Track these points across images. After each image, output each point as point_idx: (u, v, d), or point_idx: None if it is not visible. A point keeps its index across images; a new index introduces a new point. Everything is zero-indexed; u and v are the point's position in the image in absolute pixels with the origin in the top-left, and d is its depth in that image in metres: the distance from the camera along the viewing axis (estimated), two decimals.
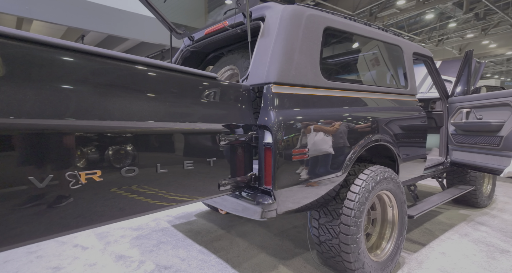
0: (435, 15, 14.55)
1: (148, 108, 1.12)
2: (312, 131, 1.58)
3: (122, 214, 1.05)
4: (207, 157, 1.33)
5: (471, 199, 3.15)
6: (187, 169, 1.25)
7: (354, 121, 1.81)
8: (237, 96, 1.50)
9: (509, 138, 2.31)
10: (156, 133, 1.13)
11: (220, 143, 1.36)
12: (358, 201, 1.73)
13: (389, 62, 2.32)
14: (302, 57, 1.66)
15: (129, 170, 1.05)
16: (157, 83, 1.17)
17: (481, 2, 12.57)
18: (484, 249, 2.29)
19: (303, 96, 1.64)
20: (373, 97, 2.08)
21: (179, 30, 2.29)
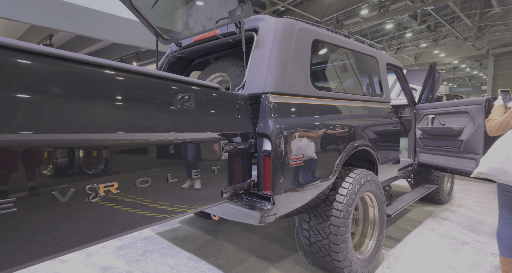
0: (394, 25, 15.73)
1: (156, 119, 1.12)
2: (307, 138, 1.66)
3: (134, 226, 1.04)
4: (211, 165, 1.35)
5: (434, 197, 3.49)
6: (194, 177, 1.25)
7: (341, 127, 1.93)
8: (236, 105, 1.53)
9: (469, 142, 2.61)
10: (162, 144, 1.13)
11: (222, 151, 1.39)
12: (346, 203, 1.85)
13: (368, 72, 2.50)
14: (295, 68, 1.74)
15: (142, 181, 1.04)
16: (164, 94, 1.17)
17: (432, 15, 13.86)
18: (449, 242, 2.56)
19: (297, 105, 1.73)
20: (355, 105, 2.23)
21: (166, 35, 2.26)
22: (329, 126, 1.84)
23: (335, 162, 1.86)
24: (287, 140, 1.55)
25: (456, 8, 12.41)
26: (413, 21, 14.97)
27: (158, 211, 1.13)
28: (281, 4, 11.55)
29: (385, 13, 12.11)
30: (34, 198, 0.79)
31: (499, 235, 1.82)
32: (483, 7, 13.54)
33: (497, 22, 14.72)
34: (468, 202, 3.70)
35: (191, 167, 1.25)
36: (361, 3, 12.00)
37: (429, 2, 10.77)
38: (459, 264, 2.18)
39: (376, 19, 12.67)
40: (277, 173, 1.50)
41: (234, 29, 1.92)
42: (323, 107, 1.91)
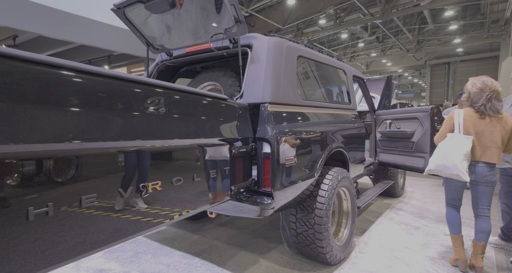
0: (348, 35, 17.14)
1: (174, 127, 1.28)
2: (298, 141, 1.95)
3: (151, 225, 1.17)
4: (219, 167, 1.55)
5: (391, 191, 4.06)
6: (203, 179, 1.44)
7: (323, 132, 2.26)
8: (239, 113, 1.76)
9: (418, 143, 3.15)
10: (182, 148, 1.31)
11: (228, 154, 1.60)
12: (327, 197, 2.18)
13: (338, 83, 2.90)
14: (286, 80, 2.02)
15: (177, 179, 1.22)
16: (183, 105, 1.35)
17: (380, 28, 15.44)
18: (404, 228, 3.06)
19: (288, 113, 2.01)
20: (330, 112, 2.59)
21: (157, 45, 2.38)
22: (314, 131, 2.15)
23: (318, 162, 2.18)
24: (283, 143, 1.81)
25: (399, 23, 14.01)
26: (365, 32, 16.46)
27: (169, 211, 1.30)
28: (245, 10, 11.89)
29: (340, 24, 13.18)
30: None
31: (448, 217, 2.30)
32: (420, 23, 15.49)
33: (431, 37, 16.91)
34: (416, 195, 4.36)
35: (202, 170, 1.42)
36: (319, 13, 12.89)
37: (378, 16, 12.02)
38: (414, 245, 2.66)
39: (333, 29, 13.73)
40: (275, 172, 1.75)
41: (228, 43, 2.14)
42: (308, 114, 2.22)
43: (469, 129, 2.11)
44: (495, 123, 2.04)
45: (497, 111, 2.03)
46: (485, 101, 2.05)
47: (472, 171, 2.12)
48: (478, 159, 2.08)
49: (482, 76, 2.14)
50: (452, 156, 2.09)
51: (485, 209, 2.12)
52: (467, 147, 2.05)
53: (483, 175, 2.08)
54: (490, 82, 2.07)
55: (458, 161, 2.05)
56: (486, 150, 2.05)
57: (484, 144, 2.06)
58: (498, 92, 2.04)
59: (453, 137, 2.13)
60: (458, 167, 2.05)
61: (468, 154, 2.05)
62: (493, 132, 2.04)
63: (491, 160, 2.04)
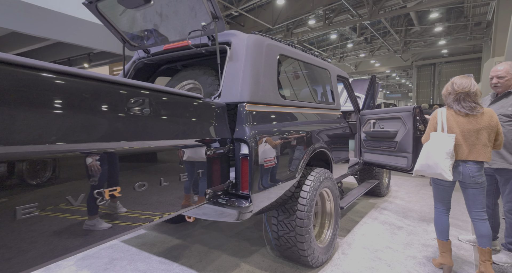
0: (337, 36, 17.25)
1: (144, 128, 1.21)
2: (278, 141, 1.88)
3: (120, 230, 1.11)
4: (193, 169, 1.47)
5: (376, 190, 4.06)
6: (177, 182, 1.36)
7: (305, 132, 2.20)
8: (216, 112, 1.68)
9: (402, 142, 3.14)
10: (154, 151, 1.23)
11: (203, 156, 1.52)
12: (309, 198, 2.13)
13: (322, 83, 2.86)
14: (266, 80, 1.96)
15: (149, 183, 1.15)
16: (150, 104, 1.27)
17: (368, 29, 15.59)
18: (388, 227, 3.05)
19: (268, 112, 1.94)
20: (313, 112, 2.54)
21: (134, 42, 2.28)
22: (295, 131, 2.09)
23: (300, 162, 2.12)
24: (262, 144, 1.75)
25: (387, 24, 14.18)
26: (353, 33, 16.62)
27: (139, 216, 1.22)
28: (234, 9, 11.79)
29: (329, 25, 13.24)
30: None
31: (436, 222, 2.27)
32: (407, 24, 15.73)
33: (417, 39, 17.20)
34: (401, 194, 4.37)
35: (173, 172, 1.36)
36: (308, 14, 12.91)
37: (366, 17, 12.13)
38: (396, 245, 2.64)
39: (322, 30, 13.78)
40: (253, 174, 1.68)
41: (206, 41, 2.06)
42: (289, 114, 2.16)
43: (453, 127, 2.08)
44: (480, 120, 2.01)
45: (473, 109, 2.01)
46: (452, 102, 2.08)
47: (459, 172, 2.08)
48: (466, 158, 2.05)
49: (461, 77, 2.13)
50: (434, 155, 2.06)
51: (480, 211, 2.08)
52: (449, 145, 2.03)
53: (470, 176, 2.04)
54: (458, 85, 2.06)
55: (440, 159, 2.02)
56: (473, 148, 2.03)
57: (470, 142, 2.03)
58: (468, 93, 2.02)
59: (436, 136, 2.12)
60: (440, 166, 2.03)
61: (451, 153, 2.03)
62: (479, 130, 2.01)
63: (478, 158, 2.01)
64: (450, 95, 2.10)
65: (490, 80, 2.34)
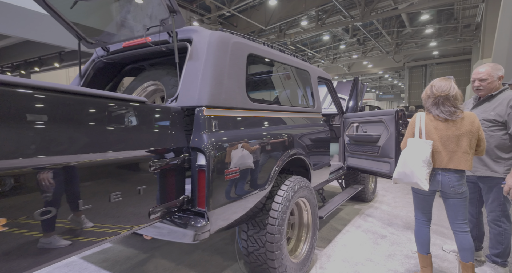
0: (330, 37, 17.10)
1: (76, 138, 1.00)
2: (242, 150, 1.67)
3: (46, 259, 0.92)
4: (136, 185, 1.26)
5: (361, 196, 3.87)
6: (114, 201, 1.15)
7: (276, 138, 1.99)
8: (168, 118, 1.46)
9: (384, 147, 2.95)
10: (81, 166, 1.02)
11: (150, 169, 1.30)
12: (281, 210, 1.92)
13: (300, 84, 2.65)
14: (231, 81, 1.74)
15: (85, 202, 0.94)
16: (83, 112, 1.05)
17: (360, 30, 15.47)
18: (371, 237, 2.85)
19: (233, 118, 1.72)
20: (289, 116, 2.33)
21: (91, 39, 2.05)
22: (265, 137, 1.88)
23: (270, 172, 1.91)
24: (222, 153, 1.53)
25: (379, 26, 14.06)
26: (346, 34, 16.48)
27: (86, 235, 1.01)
28: (226, 9, 11.55)
29: (322, 26, 13.09)
30: None
31: (416, 234, 2.09)
32: (399, 26, 15.65)
33: (409, 40, 17.13)
34: (387, 199, 4.19)
35: (119, 188, 1.16)
36: (301, 15, 12.73)
37: (358, 19, 11.99)
38: (378, 257, 2.45)
39: (315, 31, 13.61)
40: (211, 187, 1.47)
41: (167, 37, 1.84)
42: (259, 119, 1.95)
43: (432, 133, 1.91)
44: (460, 125, 1.84)
45: (453, 114, 1.84)
46: (431, 106, 1.91)
47: (438, 181, 1.91)
48: (445, 166, 1.88)
49: (440, 79, 1.95)
50: (410, 162, 1.89)
51: (461, 223, 1.90)
52: (426, 152, 1.85)
53: (450, 185, 1.87)
54: (437, 88, 1.89)
55: (416, 167, 1.86)
56: (453, 155, 1.85)
57: (450, 149, 1.86)
58: (447, 97, 1.85)
59: (413, 142, 1.94)
60: (415, 174, 1.86)
61: (428, 160, 1.85)
62: (459, 136, 1.83)
63: (458, 166, 1.84)
64: (429, 98, 1.93)
65: (472, 83, 2.16)
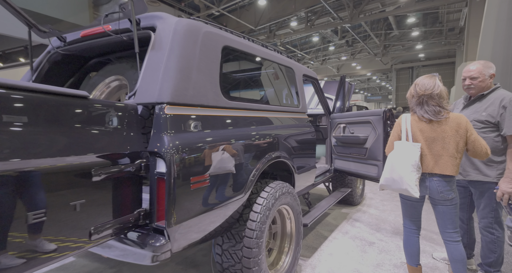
0: (319, 39, 17.04)
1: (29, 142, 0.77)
2: (213, 154, 1.44)
3: None
4: (94, 194, 1.04)
5: (349, 199, 3.69)
6: (34, 221, 0.90)
7: (255, 140, 1.77)
8: (120, 117, 1.22)
9: (371, 149, 2.76)
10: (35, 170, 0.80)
11: (95, 178, 1.06)
12: (260, 221, 1.70)
13: (283, 82, 2.44)
14: (201, 76, 1.51)
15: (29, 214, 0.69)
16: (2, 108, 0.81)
17: (349, 32, 15.46)
18: (359, 244, 2.66)
19: (203, 117, 1.49)
20: (271, 116, 2.12)
21: (44, 27, 1.78)
22: (241, 139, 1.66)
23: (248, 178, 1.69)
24: (188, 158, 1.30)
25: (367, 28, 14.06)
26: (335, 36, 16.46)
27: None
28: (215, 9, 11.28)
29: (311, 27, 12.98)
30: None
31: (405, 244, 1.90)
32: (386, 29, 15.72)
33: (396, 43, 17.25)
34: (375, 202, 4.03)
35: (62, 200, 0.93)
36: (291, 15, 12.57)
37: (346, 20, 11.93)
38: (365, 267, 2.26)
39: (304, 32, 13.49)
40: (173, 199, 1.23)
41: (129, 25, 1.59)
42: (235, 119, 1.72)
43: (417, 135, 1.75)
44: (445, 127, 1.67)
45: (437, 113, 1.68)
46: (416, 106, 1.76)
47: (426, 186, 1.74)
48: (431, 170, 1.71)
49: (425, 77, 1.79)
50: (398, 167, 1.72)
51: (452, 232, 1.72)
52: (414, 156, 1.69)
53: (438, 191, 1.70)
54: (420, 86, 1.74)
55: (405, 172, 1.69)
56: (439, 159, 1.68)
57: (435, 152, 1.69)
58: (431, 95, 1.69)
59: (400, 146, 1.78)
60: (405, 180, 1.68)
61: (417, 164, 1.68)
62: (445, 138, 1.67)
63: (444, 171, 1.66)
64: (413, 98, 1.78)
65: (462, 81, 2.00)
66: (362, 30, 15.57)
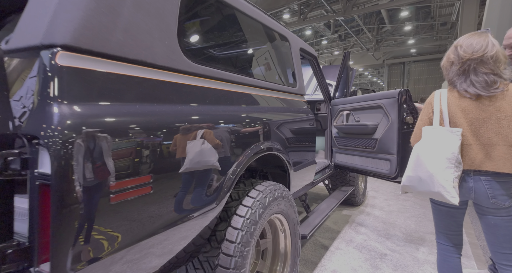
0: (312, 32, 16.47)
1: None
2: (158, 143, 0.85)
3: None
4: None
5: (351, 199, 3.15)
6: None
7: (234, 124, 1.19)
8: None
9: (383, 140, 2.21)
10: None
11: None
12: (241, 242, 1.13)
13: (276, 54, 1.85)
14: (143, 15, 0.91)
15: None
16: None
17: (342, 26, 14.94)
18: (367, 256, 2.12)
19: (141, 81, 0.90)
20: (258, 93, 1.53)
21: None
22: (211, 122, 1.07)
23: (223, 179, 1.11)
24: (103, 148, 0.71)
25: (360, 22, 13.56)
26: (328, 30, 15.92)
27: None
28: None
29: (304, 20, 12.40)
30: None
31: (439, 267, 1.37)
32: (379, 23, 15.25)
33: (389, 37, 16.84)
34: (379, 201, 3.50)
35: None
36: (283, 8, 11.94)
37: (340, 13, 11.39)
38: None
39: (297, 25, 12.88)
40: (67, 223, 0.65)
41: None
42: (202, 92, 1.13)
43: (457, 118, 1.20)
44: (502, 104, 1.12)
45: (490, 86, 1.13)
46: (457, 77, 1.21)
47: (470, 188, 1.20)
48: (478, 167, 1.16)
49: (470, 35, 1.22)
50: (427, 162, 1.18)
51: (509, 254, 1.19)
52: (452, 146, 1.15)
53: (488, 196, 1.16)
54: (466, 47, 1.18)
55: (438, 170, 1.15)
56: (491, 150, 1.14)
57: (485, 141, 1.15)
58: (482, 59, 1.13)
59: (430, 133, 1.23)
60: (437, 180, 1.15)
61: (456, 158, 1.14)
62: (500, 120, 1.12)
63: (499, 168, 1.12)
64: (453, 66, 1.21)
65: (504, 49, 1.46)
66: (355, 24, 15.07)
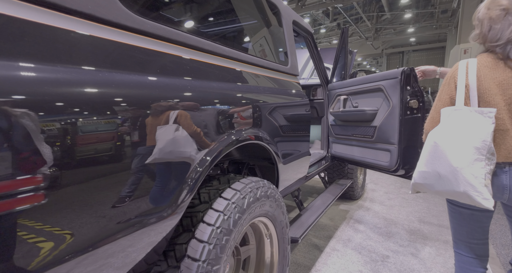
0: (310, 20, 15.90)
1: None
2: (82, 122, 0.55)
3: None
4: None
5: (349, 192, 2.89)
6: None
7: (200, 104, 0.89)
8: None
9: (382, 128, 1.89)
10: None
11: None
12: (209, 259, 0.85)
13: (264, 25, 1.53)
14: None
15: None
16: None
17: (341, 15, 14.40)
18: (367, 259, 1.87)
19: (53, 31, 0.58)
20: (236, 68, 1.22)
21: None
22: (164, 97, 0.77)
23: (183, 176, 0.82)
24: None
25: (359, 9, 13.04)
26: (326, 18, 15.38)
27: None
28: None
29: (302, 7, 11.91)
30: None
31: None
32: (378, 11, 14.70)
33: (388, 26, 16.31)
34: (379, 195, 3.25)
35: None
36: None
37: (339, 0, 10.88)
38: None
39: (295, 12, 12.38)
40: None
41: None
42: (148, 55, 0.82)
43: (491, 94, 0.90)
44: None
45: None
46: (498, 35, 0.89)
47: (504, 187, 0.92)
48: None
49: None
50: (450, 153, 0.89)
51: None
52: (484, 132, 0.86)
53: None
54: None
55: (464, 163, 0.86)
56: None
57: None
58: None
59: (452, 116, 0.93)
60: (463, 177, 0.86)
61: (489, 148, 0.86)
62: None
63: None
64: (497, 20, 0.89)
65: None
66: (354, 13, 14.53)
